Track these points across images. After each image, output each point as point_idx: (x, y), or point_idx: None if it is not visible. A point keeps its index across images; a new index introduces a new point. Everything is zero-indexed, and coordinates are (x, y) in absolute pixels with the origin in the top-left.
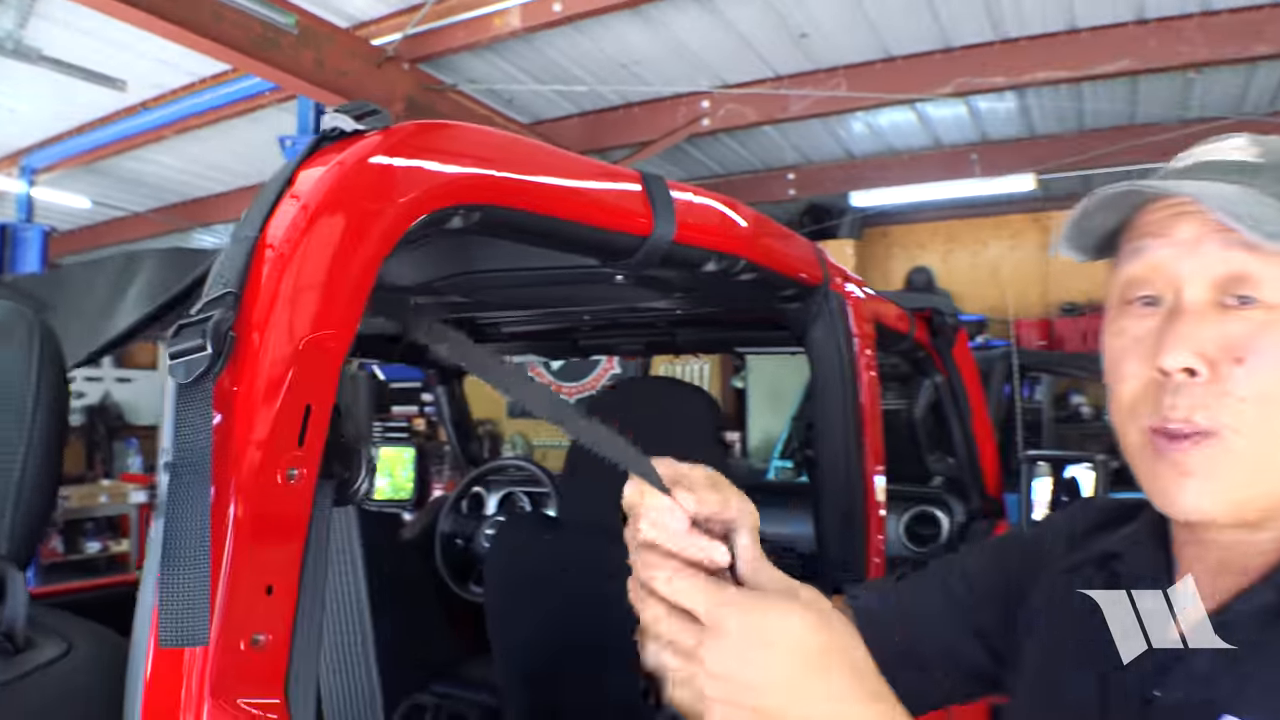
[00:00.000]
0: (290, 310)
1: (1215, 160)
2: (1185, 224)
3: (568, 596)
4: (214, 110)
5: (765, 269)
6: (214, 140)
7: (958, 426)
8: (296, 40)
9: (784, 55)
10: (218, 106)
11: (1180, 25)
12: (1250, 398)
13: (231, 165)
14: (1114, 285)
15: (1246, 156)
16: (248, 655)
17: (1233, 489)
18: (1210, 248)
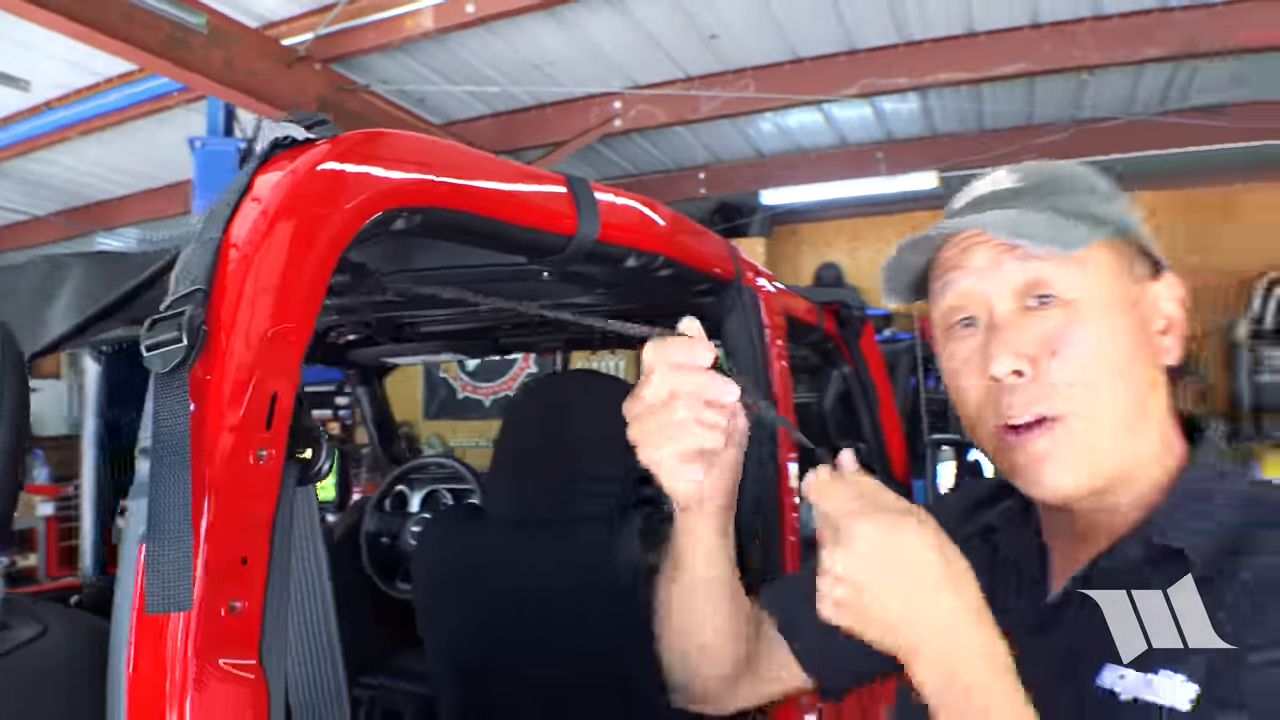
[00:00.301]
0: (255, 305)
1: (986, 194)
2: (978, 252)
3: (495, 588)
4: (120, 111)
5: (682, 265)
6: (119, 142)
7: (865, 414)
8: (206, 40)
9: (694, 56)
10: (124, 107)
11: (1073, 29)
12: (1072, 382)
13: (137, 167)
14: (936, 317)
15: (1010, 184)
16: (226, 621)
17: (1082, 464)
18: (1005, 266)
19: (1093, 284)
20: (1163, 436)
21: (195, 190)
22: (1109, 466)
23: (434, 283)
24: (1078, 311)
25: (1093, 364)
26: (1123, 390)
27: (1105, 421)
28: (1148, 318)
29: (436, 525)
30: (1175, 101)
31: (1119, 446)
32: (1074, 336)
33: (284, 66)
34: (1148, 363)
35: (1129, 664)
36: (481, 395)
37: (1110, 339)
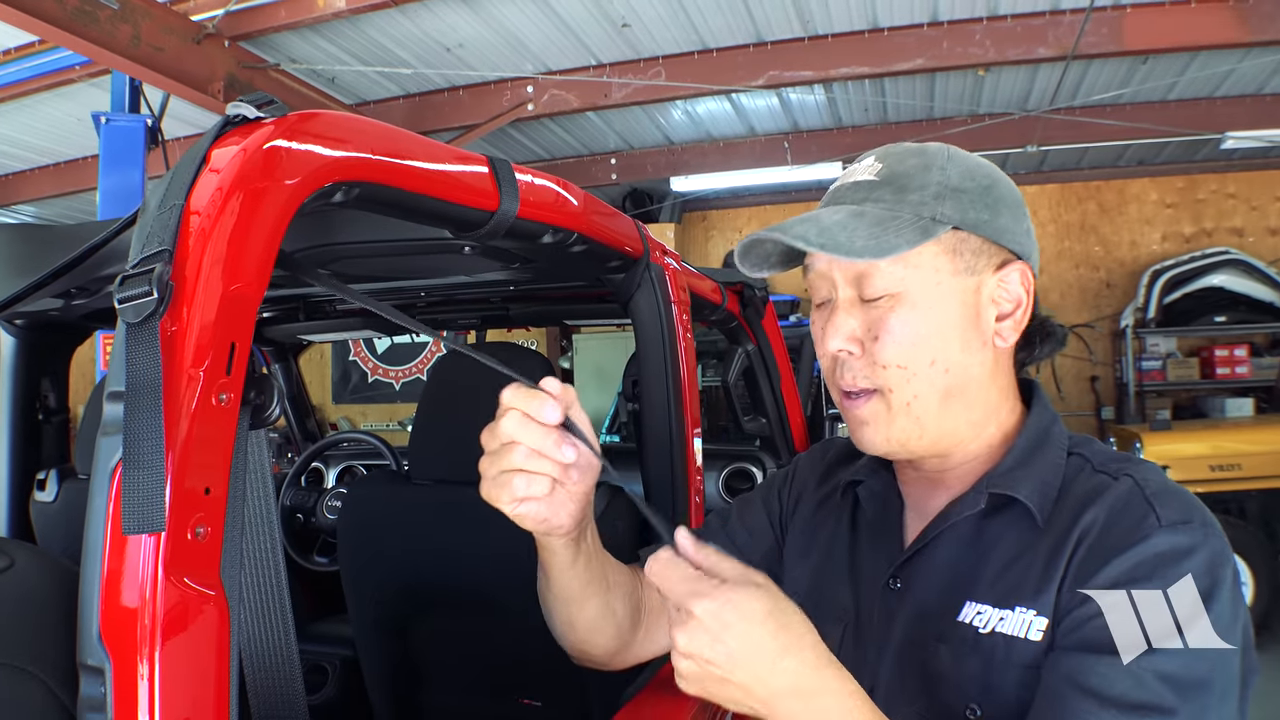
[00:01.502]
0: (215, 265)
1: (849, 183)
2: None
3: (418, 545)
4: (18, 84)
5: (594, 242)
6: (18, 116)
7: (768, 390)
8: (114, 14)
9: (606, 44)
10: (23, 80)
11: (970, 28)
12: (889, 364)
13: (35, 142)
14: (808, 286)
15: (869, 175)
16: (193, 544)
17: (895, 431)
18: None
19: (915, 279)
20: (989, 408)
21: (101, 166)
22: (920, 435)
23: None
24: (899, 304)
25: (908, 350)
26: (935, 375)
27: (919, 398)
28: (984, 305)
29: (361, 487)
30: (1066, 99)
31: (933, 416)
32: (893, 326)
33: (192, 43)
34: (974, 346)
35: (986, 601)
36: (392, 379)
37: (927, 330)
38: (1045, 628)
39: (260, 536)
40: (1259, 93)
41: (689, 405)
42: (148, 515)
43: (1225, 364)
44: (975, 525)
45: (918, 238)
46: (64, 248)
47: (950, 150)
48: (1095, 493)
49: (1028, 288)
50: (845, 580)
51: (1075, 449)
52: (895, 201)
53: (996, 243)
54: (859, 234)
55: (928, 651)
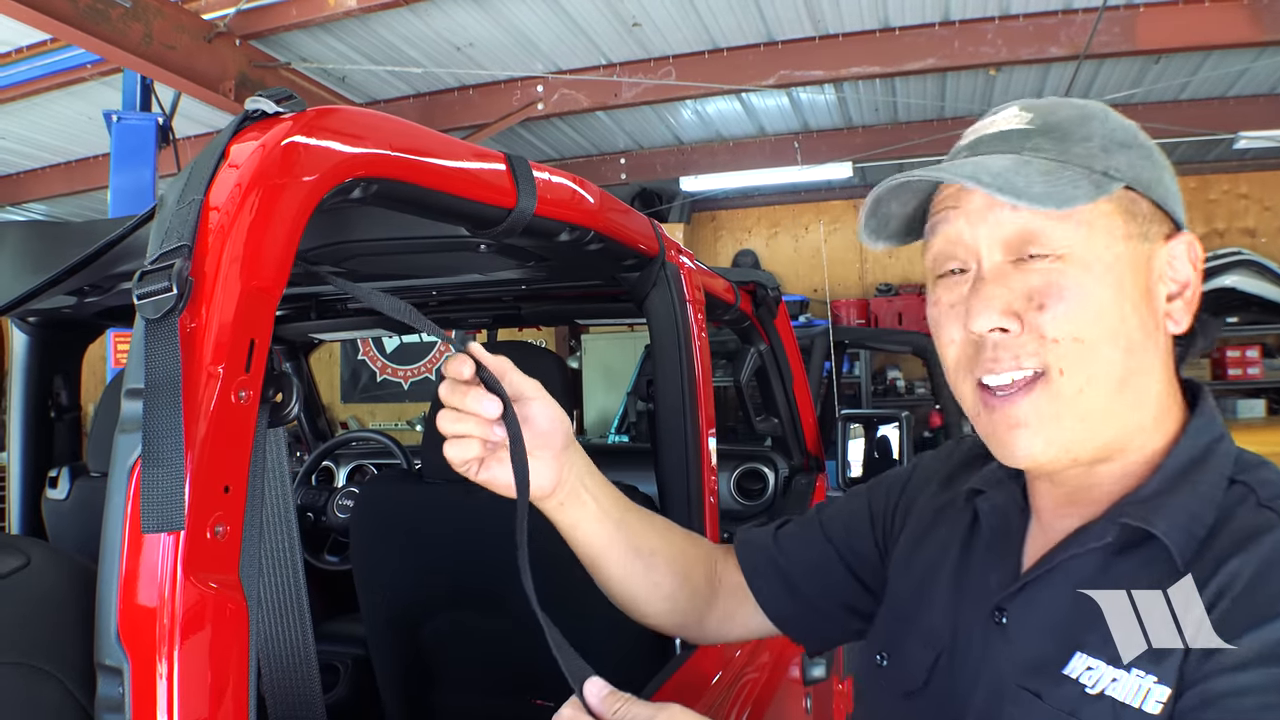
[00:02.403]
0: (234, 261)
1: (993, 133)
2: (975, 194)
3: (430, 542)
4: (31, 82)
5: (611, 240)
6: (29, 114)
7: (780, 390)
8: (126, 13)
9: (616, 43)
10: (35, 79)
11: (982, 28)
12: (1061, 338)
13: (47, 141)
14: (927, 260)
15: (1019, 124)
16: (212, 543)
17: (1061, 432)
18: (997, 214)
19: (1090, 240)
20: (1160, 406)
21: (113, 164)
22: (1091, 433)
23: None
24: (1072, 267)
25: (1083, 321)
26: (1115, 353)
27: (1093, 382)
28: (1155, 281)
29: (374, 485)
30: None
31: (1105, 412)
32: (1065, 291)
33: (203, 41)
34: (1149, 328)
35: (1100, 655)
36: (401, 378)
37: (1105, 298)
38: (1166, 699)
39: (279, 535)
40: (1272, 92)
41: (704, 405)
42: (167, 514)
43: (1237, 365)
44: (1102, 560)
45: (1094, 191)
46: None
47: (1106, 106)
48: (1253, 535)
49: (1196, 264)
50: (948, 603)
51: (1240, 475)
52: (1059, 152)
53: (1164, 209)
54: (1033, 181)
55: (1021, 707)
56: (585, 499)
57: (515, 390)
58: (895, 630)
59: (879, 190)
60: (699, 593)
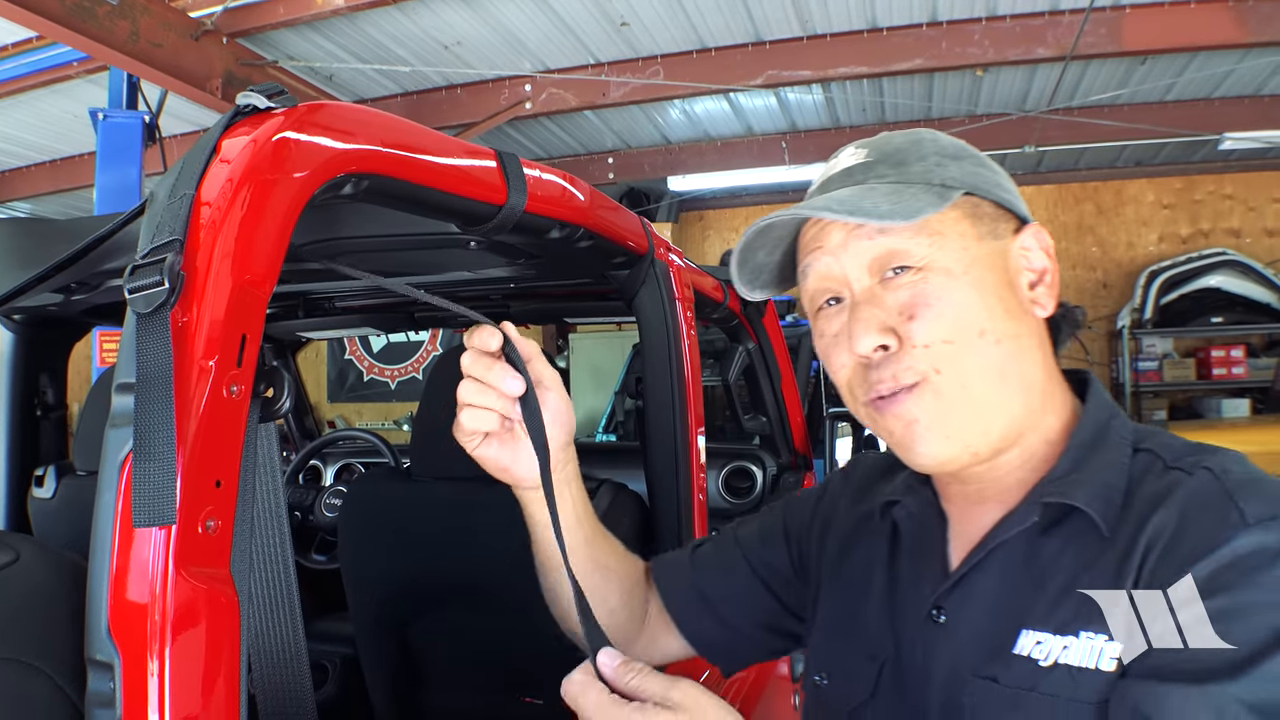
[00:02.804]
0: (226, 256)
1: (838, 171)
2: (832, 232)
3: (419, 541)
4: (16, 80)
5: (601, 237)
6: (14, 112)
7: (768, 389)
8: (112, 10)
9: (605, 42)
10: (20, 76)
11: (969, 28)
12: (933, 343)
13: (32, 139)
14: (804, 300)
15: (859, 159)
16: (204, 537)
17: (954, 426)
18: (857, 243)
19: (945, 248)
20: (1045, 392)
21: (98, 163)
22: (986, 427)
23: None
24: (933, 275)
25: (951, 323)
26: (988, 347)
27: (972, 378)
28: (1014, 273)
29: (362, 483)
30: (1064, 100)
31: (992, 403)
32: (930, 298)
33: (190, 39)
34: (1017, 316)
35: (1046, 628)
36: (388, 378)
37: (968, 298)
38: (1118, 654)
39: (269, 531)
40: (1257, 94)
41: (693, 403)
42: (158, 508)
43: (1222, 365)
44: (1029, 543)
45: (937, 201)
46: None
47: (932, 129)
48: (1167, 491)
49: (1048, 250)
50: (883, 613)
51: (1142, 444)
52: (899, 174)
53: (1005, 206)
54: (879, 203)
55: (980, 694)
56: (567, 498)
57: (536, 376)
58: (832, 649)
59: (746, 239)
60: (635, 615)
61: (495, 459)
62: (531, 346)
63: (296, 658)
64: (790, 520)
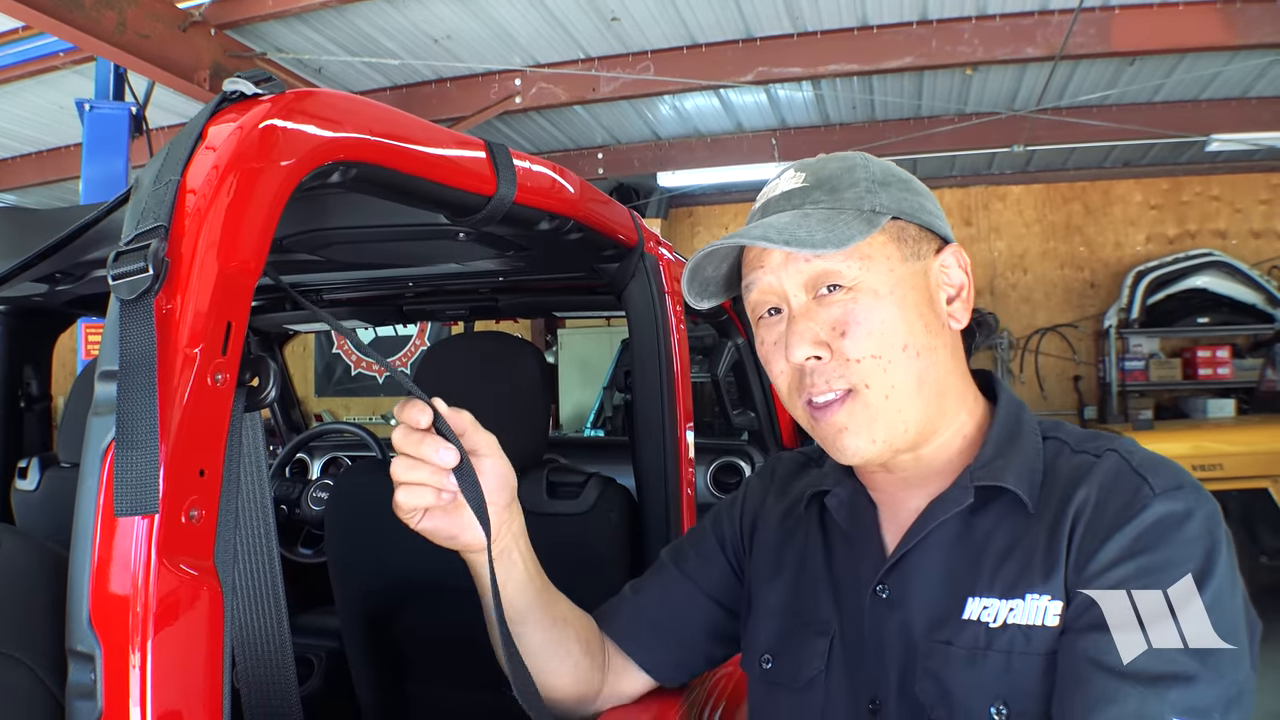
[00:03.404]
0: (211, 243)
1: (778, 194)
2: (774, 253)
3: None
4: (1, 71)
5: (590, 229)
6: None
7: (757, 384)
8: (100, 0)
9: (595, 37)
10: (5, 67)
11: (959, 27)
12: (861, 358)
13: (18, 130)
14: (748, 309)
15: (797, 184)
16: (187, 527)
17: (879, 431)
18: (795, 264)
19: (873, 270)
20: (957, 393)
21: (85, 154)
22: (905, 428)
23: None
24: (862, 295)
25: (878, 340)
26: (909, 360)
27: (895, 388)
28: (934, 290)
29: (348, 477)
30: (1053, 100)
31: (911, 408)
32: (859, 317)
33: (178, 30)
34: (935, 330)
35: (991, 594)
36: (375, 372)
37: (892, 316)
38: (1060, 610)
39: (254, 521)
40: (1244, 96)
41: (682, 397)
42: (141, 497)
43: (1207, 365)
44: (963, 521)
45: (866, 228)
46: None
47: (864, 154)
48: (1082, 471)
49: (966, 268)
50: (825, 592)
51: (1049, 433)
52: (833, 200)
53: (929, 229)
54: (814, 231)
55: (936, 657)
56: (515, 558)
57: (471, 445)
58: (778, 630)
59: (695, 260)
60: (597, 662)
61: (439, 530)
62: (464, 418)
63: (281, 650)
64: (720, 529)
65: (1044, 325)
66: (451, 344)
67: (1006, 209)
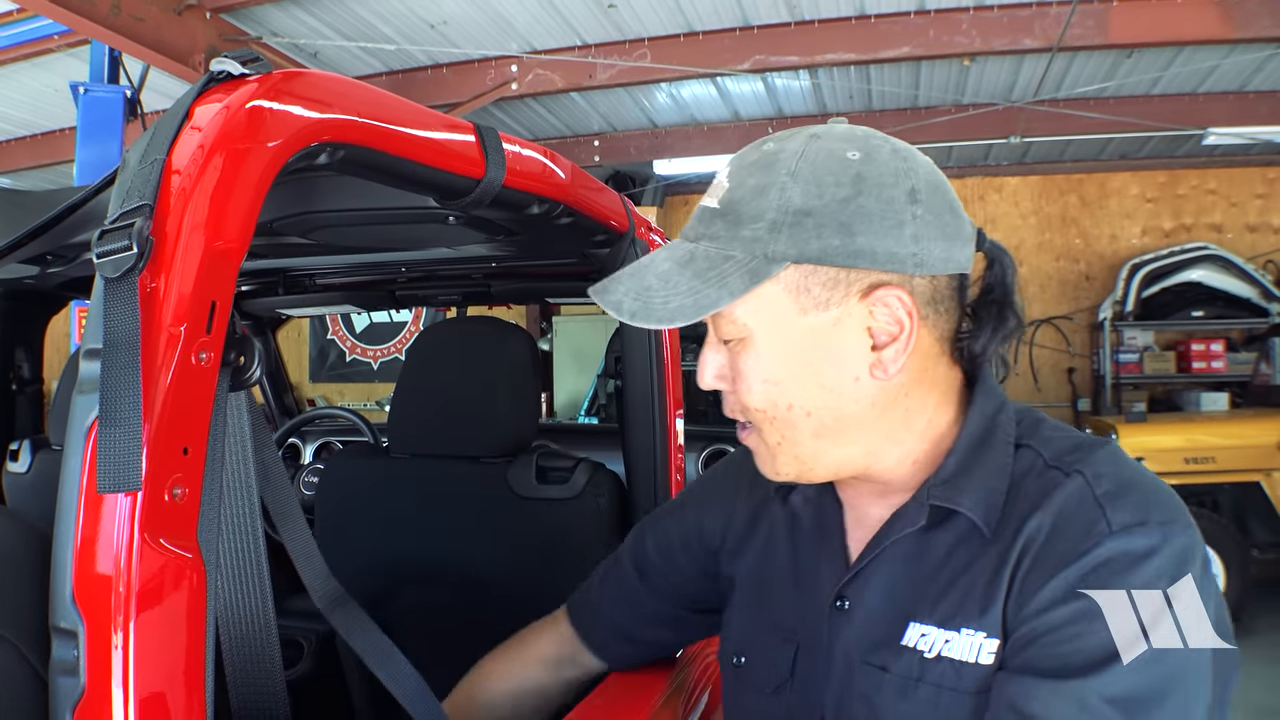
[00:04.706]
0: (196, 222)
1: (700, 208)
2: None
3: (396, 517)
4: None
5: (581, 214)
6: None
7: None
8: None
9: (592, 24)
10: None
11: (957, 17)
12: (749, 407)
13: (12, 113)
14: None
15: (714, 200)
16: (170, 505)
17: (781, 465)
18: None
19: (761, 322)
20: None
21: (79, 137)
22: (813, 468)
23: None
24: (748, 351)
25: (760, 398)
26: (797, 419)
27: (788, 438)
28: (846, 339)
29: (339, 461)
30: (1050, 91)
31: (817, 452)
32: (744, 373)
33: (172, 13)
34: (836, 390)
35: (930, 622)
36: (370, 358)
37: (779, 373)
38: (996, 649)
39: (239, 501)
40: (1242, 90)
41: (672, 385)
42: (124, 474)
43: (1201, 358)
44: (918, 539)
45: (744, 284)
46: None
47: (804, 153)
48: (1044, 494)
49: (909, 310)
50: (790, 598)
51: (1024, 440)
52: (728, 238)
53: (859, 268)
54: (678, 290)
55: (871, 681)
56: None
57: None
58: (749, 630)
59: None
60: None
61: None
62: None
63: (266, 629)
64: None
65: (1039, 317)
66: (443, 328)
67: (1003, 200)
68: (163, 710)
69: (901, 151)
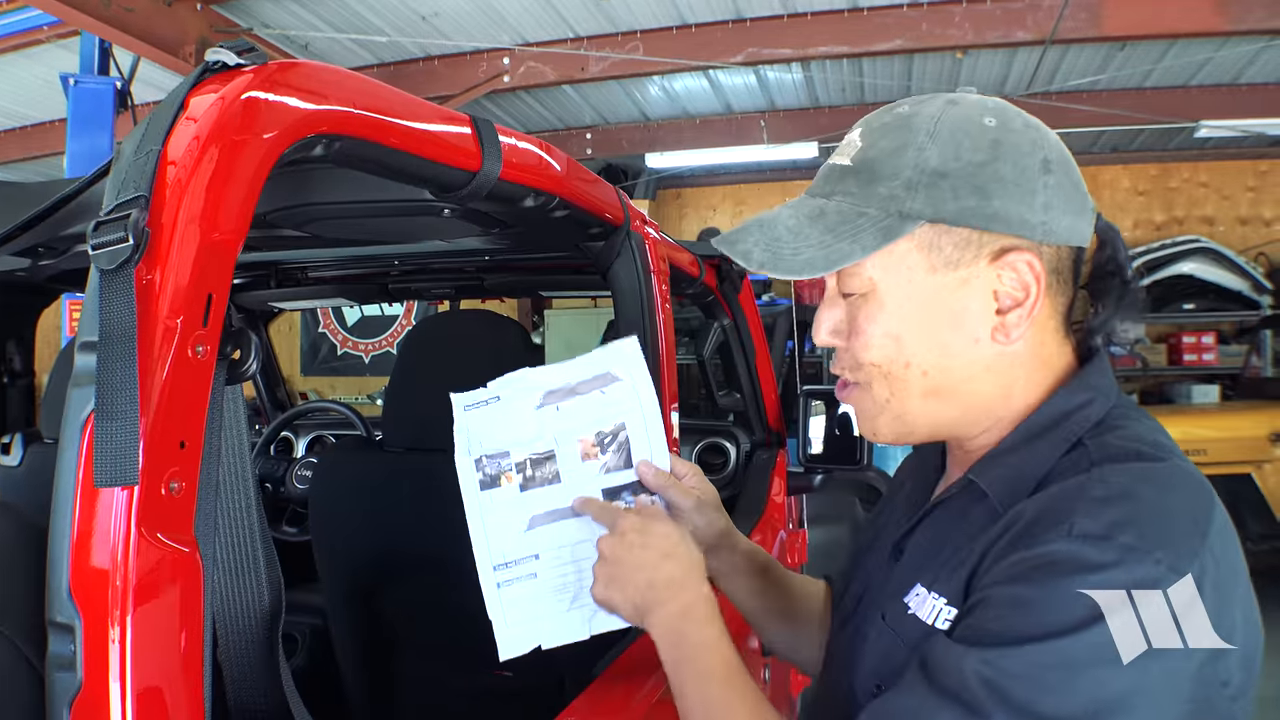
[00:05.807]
0: (192, 214)
1: (829, 166)
2: None
3: (388, 511)
4: None
5: (576, 207)
6: None
7: (743, 365)
8: None
9: (584, 16)
10: None
11: (950, 10)
12: (864, 363)
13: (2, 105)
14: None
15: (845, 159)
16: (167, 499)
17: (881, 425)
18: None
19: (888, 279)
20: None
21: (70, 129)
22: (911, 430)
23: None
24: (871, 304)
25: (879, 352)
26: (914, 377)
27: (897, 395)
28: (972, 301)
29: (332, 455)
30: (1043, 84)
31: (919, 413)
32: (864, 327)
33: (164, 5)
34: (956, 353)
35: (924, 583)
36: (362, 352)
37: (901, 330)
38: (954, 617)
39: (235, 495)
40: (1234, 83)
41: (666, 377)
42: (120, 468)
43: (1193, 351)
44: (959, 507)
45: (878, 241)
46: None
47: (941, 117)
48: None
49: (1037, 275)
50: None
51: (1090, 437)
52: (862, 195)
53: (991, 230)
54: (809, 243)
55: (872, 624)
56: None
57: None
58: (849, 570)
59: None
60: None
61: None
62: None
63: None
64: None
65: None
66: (434, 320)
67: None
68: (160, 705)
69: (1033, 124)
